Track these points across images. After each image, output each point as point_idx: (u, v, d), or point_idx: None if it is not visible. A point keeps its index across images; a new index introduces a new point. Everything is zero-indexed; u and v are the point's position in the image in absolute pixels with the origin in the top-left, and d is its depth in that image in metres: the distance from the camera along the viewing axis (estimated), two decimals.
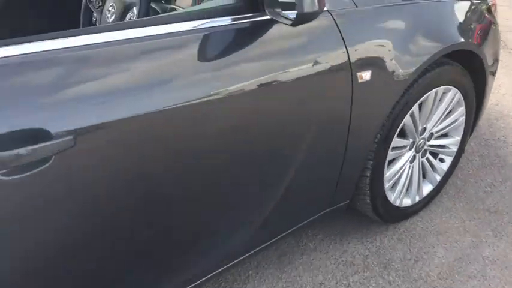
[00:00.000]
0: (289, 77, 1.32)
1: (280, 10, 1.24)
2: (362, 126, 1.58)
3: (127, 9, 1.67)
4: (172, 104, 1.10)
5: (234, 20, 1.26)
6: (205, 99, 1.17)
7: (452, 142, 2.10)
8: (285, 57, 1.33)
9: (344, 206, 1.80)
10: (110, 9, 1.75)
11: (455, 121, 2.04)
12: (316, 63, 1.36)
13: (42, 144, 0.92)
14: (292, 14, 1.19)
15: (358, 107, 1.51)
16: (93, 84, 1.02)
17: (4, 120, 0.89)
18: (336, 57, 1.41)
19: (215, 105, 1.18)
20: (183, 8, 1.69)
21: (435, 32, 1.70)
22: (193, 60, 1.17)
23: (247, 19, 1.28)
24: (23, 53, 0.96)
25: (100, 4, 1.81)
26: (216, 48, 1.22)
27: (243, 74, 1.24)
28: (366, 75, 1.49)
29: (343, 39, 1.42)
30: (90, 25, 1.90)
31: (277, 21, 1.28)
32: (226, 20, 1.25)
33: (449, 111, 1.99)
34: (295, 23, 1.17)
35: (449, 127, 2.04)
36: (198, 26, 1.20)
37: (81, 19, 1.92)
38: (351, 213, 1.99)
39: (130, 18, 1.65)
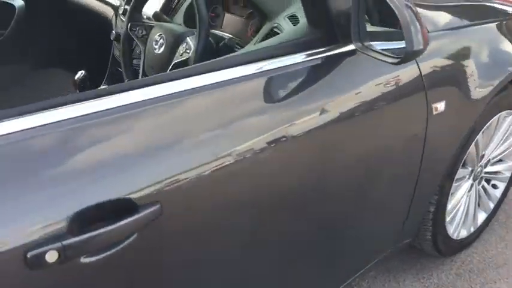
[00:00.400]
0: (363, 112, 1.19)
1: (372, 44, 1.11)
2: (434, 161, 1.46)
3: (179, 40, 1.54)
4: (251, 149, 0.97)
5: (309, 56, 1.14)
6: (282, 140, 1.04)
7: (506, 167, 2.00)
8: (359, 90, 1.21)
9: (406, 245, 1.67)
10: (158, 39, 1.61)
11: (511, 146, 1.93)
12: (392, 95, 1.24)
13: (129, 219, 0.77)
14: (385, 47, 1.07)
15: (431, 140, 1.39)
16: (173, 137, 0.89)
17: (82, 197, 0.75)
18: (412, 88, 1.29)
19: (292, 144, 1.06)
20: (239, 38, 1.56)
21: (504, 54, 1.59)
22: (271, 101, 1.04)
23: (322, 53, 1.16)
24: (98, 110, 0.82)
25: (144, 33, 1.67)
26: (291, 87, 1.10)
27: (318, 111, 1.11)
28: (440, 106, 1.37)
29: (419, 68, 1.30)
30: (130, 56, 1.75)
31: (353, 53, 1.15)
32: (299, 57, 1.13)
33: (507, 136, 1.88)
34: (401, 61, 1.03)
35: (506, 152, 1.93)
36: (269, 66, 1.07)
37: (122, 47, 1.77)
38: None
39: (185, 51, 1.52)
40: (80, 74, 1.90)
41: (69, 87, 2.35)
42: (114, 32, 2.04)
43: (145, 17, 1.77)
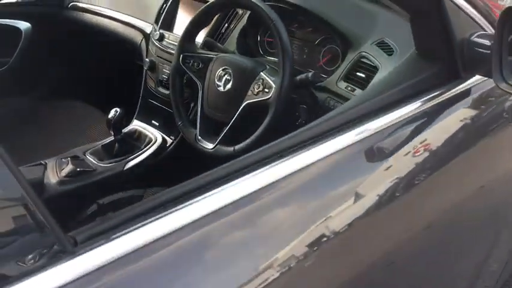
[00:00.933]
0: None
1: None
2: None
3: (251, 75, 1.28)
4: None
5: (429, 100, 0.95)
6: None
7: None
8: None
9: None
10: (222, 74, 1.35)
11: None
12: None
13: None
14: None
15: None
16: None
17: None
18: None
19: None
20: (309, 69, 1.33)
21: None
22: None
23: (444, 93, 1.00)
24: None
25: (201, 66, 1.42)
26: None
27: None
28: None
29: None
30: (182, 93, 1.49)
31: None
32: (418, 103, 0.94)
33: None
34: None
35: None
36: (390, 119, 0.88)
37: (171, 82, 1.50)
38: None
39: (262, 90, 1.26)
40: (115, 112, 1.63)
41: (92, 122, 2.07)
42: (147, 60, 1.78)
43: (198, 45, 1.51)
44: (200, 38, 1.56)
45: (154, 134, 1.77)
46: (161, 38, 1.75)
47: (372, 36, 1.35)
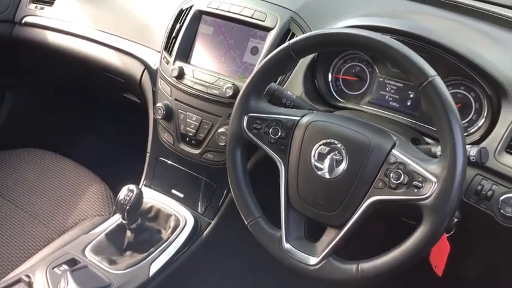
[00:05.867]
0: None
1: None
2: None
3: (379, 155, 0.82)
4: None
5: None
6: None
7: None
8: None
9: None
10: (325, 151, 0.85)
11: None
12: None
13: None
14: None
15: None
16: None
17: None
18: None
19: None
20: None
21: None
22: None
23: None
24: None
25: (280, 134, 0.90)
26: None
27: None
28: None
29: None
30: (246, 171, 0.98)
31: None
32: None
33: None
34: None
35: None
36: None
37: (228, 157, 0.97)
38: None
39: (405, 183, 0.80)
40: (129, 192, 1.10)
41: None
42: (161, 105, 1.25)
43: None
44: None
45: (180, 212, 1.26)
46: (181, 74, 1.23)
47: None
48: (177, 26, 1.27)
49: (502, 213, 0.87)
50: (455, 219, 0.83)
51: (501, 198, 0.88)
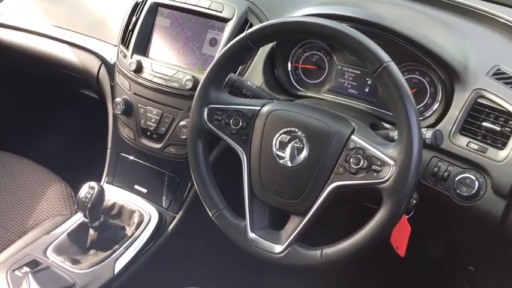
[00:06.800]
0: None
1: None
2: None
3: (338, 141, 0.84)
4: None
5: None
6: None
7: None
8: None
9: None
10: (286, 139, 0.86)
11: None
12: None
13: None
14: None
15: None
16: None
17: None
18: None
19: None
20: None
21: None
22: None
23: None
24: None
25: (241, 124, 0.89)
26: None
27: None
28: None
29: None
30: (207, 161, 0.96)
31: None
32: None
33: None
34: None
35: None
36: None
37: (190, 150, 0.95)
38: None
39: (365, 168, 0.81)
40: (90, 189, 1.08)
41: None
42: (119, 100, 1.23)
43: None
44: None
45: (144, 207, 1.24)
46: (139, 68, 1.21)
47: (480, 63, 0.96)
48: (133, 19, 1.25)
49: (458, 193, 0.90)
50: (414, 201, 0.85)
51: (456, 178, 0.90)
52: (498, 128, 0.89)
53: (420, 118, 0.99)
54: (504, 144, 0.88)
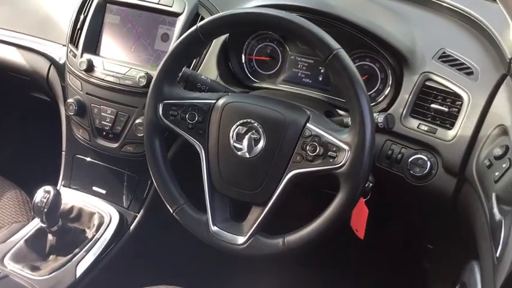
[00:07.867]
0: None
1: None
2: None
3: (293, 131, 0.85)
4: None
5: None
6: None
7: None
8: None
9: None
10: (243, 131, 0.87)
11: None
12: None
13: None
14: None
15: None
16: None
17: None
18: None
19: None
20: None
21: None
22: None
23: None
24: None
25: (197, 118, 0.89)
26: None
27: None
28: None
29: None
30: (165, 157, 0.96)
31: None
32: None
33: None
34: None
35: None
36: None
37: (147, 147, 0.95)
38: None
39: (321, 154, 0.82)
40: (45, 194, 1.06)
41: None
42: (72, 101, 1.20)
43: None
44: None
45: (103, 208, 1.22)
46: (90, 67, 1.18)
47: (426, 47, 0.99)
48: (81, 17, 1.22)
49: (412, 174, 0.93)
50: (370, 184, 0.88)
51: (409, 159, 0.93)
52: (446, 109, 0.93)
53: (372, 103, 1.02)
54: (452, 124, 0.92)
